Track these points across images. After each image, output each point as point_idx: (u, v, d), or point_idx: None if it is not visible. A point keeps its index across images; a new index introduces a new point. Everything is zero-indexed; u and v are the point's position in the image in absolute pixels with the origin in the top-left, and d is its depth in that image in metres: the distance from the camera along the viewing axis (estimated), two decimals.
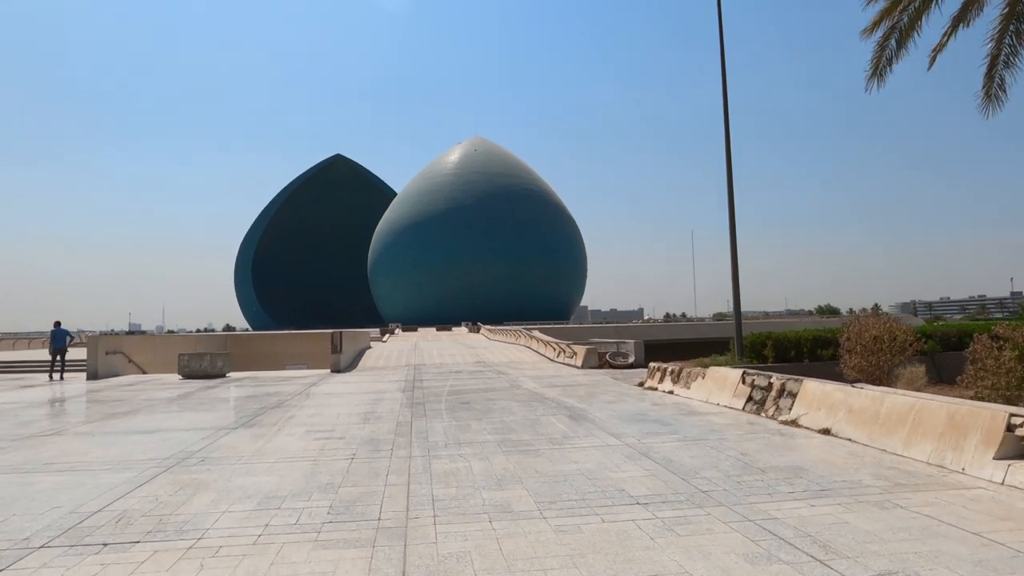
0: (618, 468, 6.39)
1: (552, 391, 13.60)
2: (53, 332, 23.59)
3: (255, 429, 9.25)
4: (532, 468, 6.47)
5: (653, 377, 14.02)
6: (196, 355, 19.23)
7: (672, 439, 7.81)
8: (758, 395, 9.81)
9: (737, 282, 15.12)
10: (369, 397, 13.23)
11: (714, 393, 11.11)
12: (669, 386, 13.00)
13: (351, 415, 10.53)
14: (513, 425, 9.15)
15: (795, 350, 14.22)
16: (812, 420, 8.26)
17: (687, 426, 8.74)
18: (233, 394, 14.48)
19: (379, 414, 10.60)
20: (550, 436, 8.22)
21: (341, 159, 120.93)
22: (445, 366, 22.27)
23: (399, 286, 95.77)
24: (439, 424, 9.40)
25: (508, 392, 13.66)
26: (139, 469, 6.73)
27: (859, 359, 11.20)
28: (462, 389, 14.50)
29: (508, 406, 11.30)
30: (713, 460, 6.63)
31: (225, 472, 6.52)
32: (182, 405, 12.54)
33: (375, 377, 18.40)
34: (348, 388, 15.34)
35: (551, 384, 15.16)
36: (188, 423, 10.02)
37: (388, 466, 6.68)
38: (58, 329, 23.17)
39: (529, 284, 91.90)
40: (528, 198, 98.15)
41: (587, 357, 19.85)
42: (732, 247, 15.26)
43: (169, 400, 13.40)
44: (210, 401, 13.14)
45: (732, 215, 15.47)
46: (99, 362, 19.50)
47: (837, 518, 4.68)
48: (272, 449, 7.73)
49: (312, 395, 13.81)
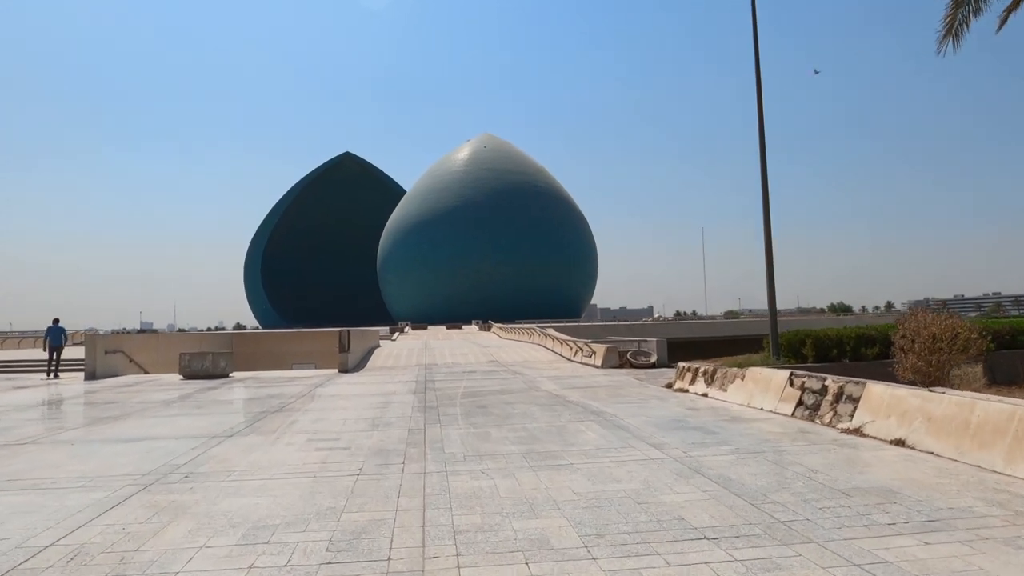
0: (670, 488, 5.43)
1: (574, 393, 12.65)
2: (49, 329, 22.85)
3: (252, 437, 8.35)
4: (567, 488, 5.52)
5: (683, 378, 13.03)
6: (197, 355, 18.41)
7: (723, 451, 6.84)
8: (810, 399, 8.81)
9: (772, 278, 14.10)
10: (378, 400, 12.33)
11: (756, 396, 10.12)
12: (702, 388, 12.01)
13: (358, 420, 9.62)
14: (537, 433, 8.20)
15: (837, 349, 13.19)
16: (881, 429, 7.26)
17: (735, 435, 7.76)
18: (233, 396, 13.62)
19: (389, 419, 9.69)
20: (582, 447, 7.26)
21: (350, 157, 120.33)
22: (458, 366, 21.37)
23: (408, 284, 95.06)
24: (455, 431, 8.47)
25: (527, 394, 12.72)
26: (113, 488, 5.83)
27: (916, 359, 10.16)
28: (477, 391, 13.58)
29: (529, 410, 10.36)
30: (779, 479, 5.65)
31: (210, 492, 5.62)
32: (178, 408, 11.68)
33: (384, 378, 17.51)
34: (356, 390, 14.45)
35: (572, 386, 14.20)
36: (180, 430, 9.14)
37: (399, 484, 5.75)
38: (54, 327, 22.45)
39: (540, 282, 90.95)
40: (538, 195, 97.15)
41: (607, 356, 18.88)
42: (767, 243, 14.26)
43: (165, 403, 12.55)
44: (208, 404, 12.27)
45: (767, 209, 14.47)
46: (98, 362, 18.73)
47: (967, 562, 3.70)
48: (268, 462, 6.83)
49: (317, 397, 12.93)
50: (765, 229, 14.34)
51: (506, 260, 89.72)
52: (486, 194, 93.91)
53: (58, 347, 20.59)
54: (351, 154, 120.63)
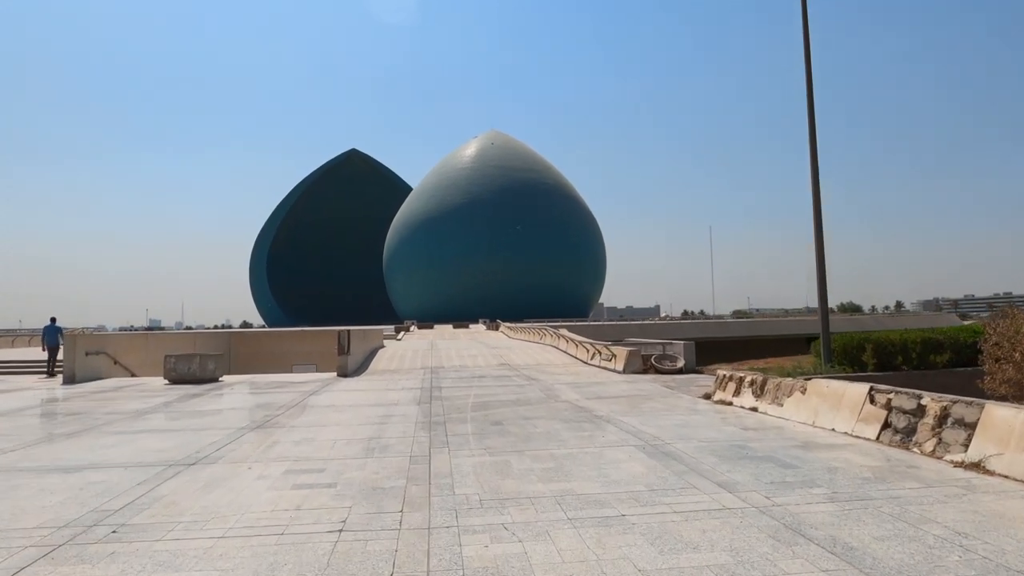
0: (771, 563, 3.86)
1: (601, 405, 11.08)
2: (46, 328, 21.86)
3: (218, 467, 6.83)
4: (626, 559, 3.97)
5: (724, 388, 11.43)
6: (184, 357, 16.93)
7: (817, 497, 5.26)
8: (900, 421, 7.21)
9: (824, 279, 12.50)
10: (377, 412, 10.79)
11: (824, 414, 8.52)
12: (749, 401, 10.41)
13: (351, 442, 8.08)
14: (568, 463, 6.64)
15: (901, 355, 11.55)
16: (1013, 465, 5.66)
17: (819, 470, 6.18)
18: (216, 406, 12.12)
19: (387, 440, 8.15)
20: (629, 486, 5.70)
21: (356, 154, 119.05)
22: (466, 369, 19.83)
23: (415, 282, 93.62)
24: (467, 460, 6.92)
25: (546, 405, 11.16)
26: (6, 553, 4.31)
27: (1014, 370, 8.54)
28: (489, 400, 12.03)
29: (552, 428, 8.79)
30: (921, 550, 4.07)
31: (134, 563, 4.09)
32: (147, 422, 10.17)
33: (387, 383, 15.99)
34: (353, 398, 12.93)
35: (596, 395, 12.63)
36: (136, 453, 7.62)
37: (394, 550, 4.21)
38: (50, 325, 21.46)
39: (547, 280, 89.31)
40: (546, 192, 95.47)
41: (630, 360, 17.29)
42: (817, 237, 12.67)
43: (136, 414, 11.06)
44: (184, 416, 10.76)
45: (817, 202, 12.87)
46: (77, 364, 17.30)
47: None
48: (228, 507, 5.30)
49: (309, 408, 11.41)
50: (816, 226, 12.76)
51: (513, 258, 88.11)
52: (493, 191, 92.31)
53: (54, 347, 19.91)
54: (357, 151, 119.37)
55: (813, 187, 13.03)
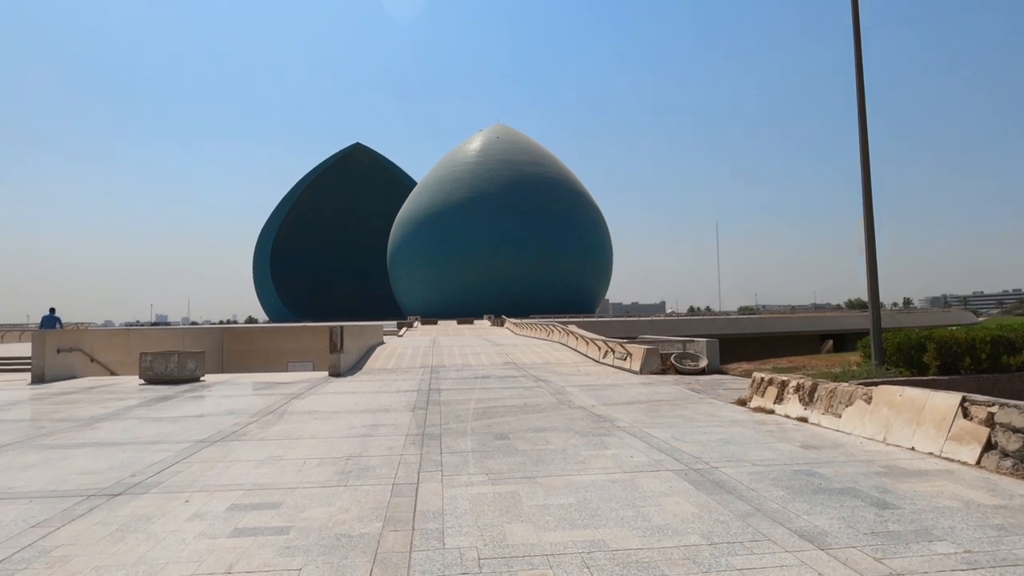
0: None
1: (622, 412, 9.61)
2: (44, 319, 20.74)
3: (146, 499, 5.39)
4: None
5: (762, 393, 9.94)
6: (161, 355, 15.52)
7: (948, 561, 3.78)
8: (1011, 442, 5.72)
9: (874, 269, 11.01)
10: (364, 421, 9.36)
11: (897, 429, 7.03)
12: (796, 409, 8.92)
13: (325, 462, 6.65)
14: (594, 498, 5.18)
15: (970, 356, 10.03)
16: None
17: (926, 511, 4.70)
18: (182, 412, 10.70)
19: (368, 460, 6.71)
20: (683, 541, 4.22)
21: (360, 148, 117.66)
22: (468, 368, 18.39)
23: (419, 278, 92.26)
24: (464, 490, 5.47)
25: (559, 414, 9.70)
26: None
27: None
28: (493, 406, 10.59)
29: (569, 445, 7.34)
30: None
31: None
32: (93, 434, 8.73)
33: (381, 384, 14.57)
34: (340, 402, 11.51)
35: (613, 400, 11.16)
36: (53, 479, 6.18)
37: None
38: (48, 316, 20.32)
39: (554, 276, 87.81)
40: (552, 187, 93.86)
41: (647, 359, 15.80)
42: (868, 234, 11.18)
43: (87, 423, 9.64)
44: (138, 426, 9.33)
45: (869, 192, 11.37)
46: (47, 362, 15.93)
47: None
48: (133, 566, 3.87)
49: (288, 415, 9.99)
50: (866, 217, 11.27)
51: (519, 253, 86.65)
52: (499, 185, 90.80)
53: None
54: (361, 145, 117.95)
55: (864, 177, 11.55)
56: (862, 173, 11.66)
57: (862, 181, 11.62)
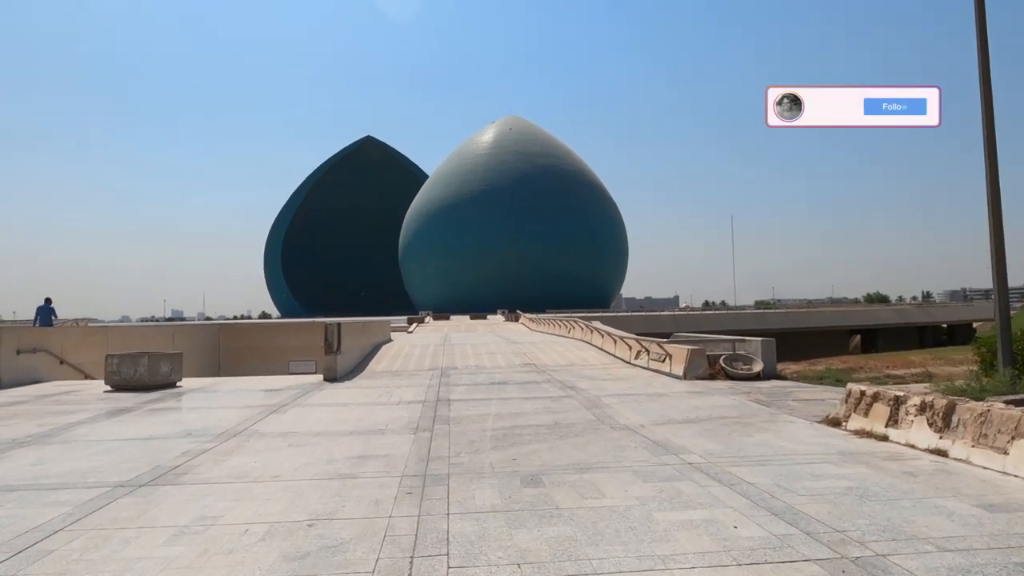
0: None
1: (684, 436, 7.37)
2: (39, 310, 18.94)
3: None
4: None
5: (865, 412, 7.64)
6: (130, 357, 13.45)
7: None
8: None
9: (1003, 256, 8.70)
10: (349, 449, 7.19)
11: None
12: (925, 437, 6.63)
13: (273, 535, 4.46)
14: None
15: None
16: None
17: None
18: (128, 433, 8.59)
19: (339, 532, 4.52)
20: None
21: (371, 141, 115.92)
22: (483, 371, 16.22)
23: (430, 272, 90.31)
24: None
25: (602, 439, 7.48)
26: None
27: None
28: (516, 425, 8.38)
29: (632, 500, 5.11)
30: None
31: None
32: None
33: (380, 392, 12.43)
34: (327, 419, 9.37)
35: (667, 418, 8.90)
36: None
37: None
38: (44, 306, 18.53)
39: (568, 270, 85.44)
40: (567, 179, 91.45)
41: (692, 362, 13.51)
42: (994, 211, 8.85)
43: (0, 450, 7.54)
44: (54, 457, 7.20)
45: (995, 177, 9.03)
46: (3, 365, 13.96)
47: None
48: None
49: (254, 439, 7.85)
50: (991, 203, 8.95)
51: (533, 247, 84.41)
52: (512, 178, 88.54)
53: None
54: (372, 138, 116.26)
55: (989, 166, 9.22)
56: (986, 163, 9.34)
57: (986, 170, 9.32)
